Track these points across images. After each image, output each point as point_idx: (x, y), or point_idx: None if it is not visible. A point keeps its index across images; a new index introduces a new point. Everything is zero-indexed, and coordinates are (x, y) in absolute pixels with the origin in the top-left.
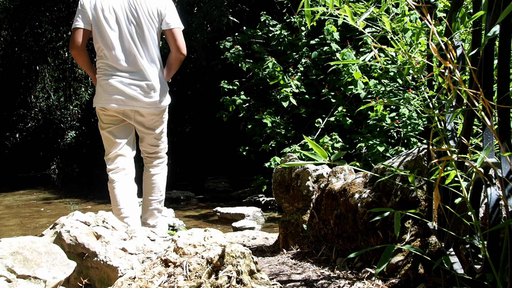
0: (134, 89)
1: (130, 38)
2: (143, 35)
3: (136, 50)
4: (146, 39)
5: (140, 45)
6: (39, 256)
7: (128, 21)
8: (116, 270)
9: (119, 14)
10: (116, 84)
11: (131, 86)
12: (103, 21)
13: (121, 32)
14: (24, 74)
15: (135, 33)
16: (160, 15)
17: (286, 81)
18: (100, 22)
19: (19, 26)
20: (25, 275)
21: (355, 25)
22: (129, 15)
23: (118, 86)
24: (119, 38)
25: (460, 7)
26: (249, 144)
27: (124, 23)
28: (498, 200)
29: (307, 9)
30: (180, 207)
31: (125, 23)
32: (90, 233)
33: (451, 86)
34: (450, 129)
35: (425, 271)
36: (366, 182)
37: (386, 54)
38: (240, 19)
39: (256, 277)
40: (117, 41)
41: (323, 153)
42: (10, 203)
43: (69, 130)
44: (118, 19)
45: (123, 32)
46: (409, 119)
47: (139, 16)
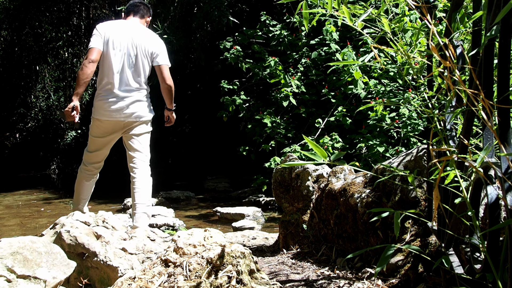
0: (125, 105)
1: (127, 67)
2: (137, 67)
3: (129, 76)
4: (138, 70)
5: (132, 73)
6: (39, 256)
7: (128, 54)
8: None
9: (124, 47)
10: (113, 100)
11: (123, 103)
12: (111, 49)
13: (122, 62)
14: (24, 74)
15: (131, 64)
16: (152, 54)
17: (286, 81)
18: (108, 49)
19: (19, 26)
20: (25, 275)
21: (353, 26)
22: (130, 51)
23: (113, 102)
24: (120, 66)
25: (460, 8)
26: (249, 144)
27: (126, 56)
28: (498, 199)
29: (305, 11)
30: (180, 207)
31: (127, 56)
32: (90, 233)
33: (451, 86)
34: (450, 129)
35: (425, 271)
36: (366, 182)
37: (386, 54)
38: (240, 19)
39: (256, 277)
40: (118, 68)
41: (323, 153)
42: (10, 203)
43: (69, 130)
44: (123, 51)
45: (124, 62)
46: (409, 119)
47: (137, 53)
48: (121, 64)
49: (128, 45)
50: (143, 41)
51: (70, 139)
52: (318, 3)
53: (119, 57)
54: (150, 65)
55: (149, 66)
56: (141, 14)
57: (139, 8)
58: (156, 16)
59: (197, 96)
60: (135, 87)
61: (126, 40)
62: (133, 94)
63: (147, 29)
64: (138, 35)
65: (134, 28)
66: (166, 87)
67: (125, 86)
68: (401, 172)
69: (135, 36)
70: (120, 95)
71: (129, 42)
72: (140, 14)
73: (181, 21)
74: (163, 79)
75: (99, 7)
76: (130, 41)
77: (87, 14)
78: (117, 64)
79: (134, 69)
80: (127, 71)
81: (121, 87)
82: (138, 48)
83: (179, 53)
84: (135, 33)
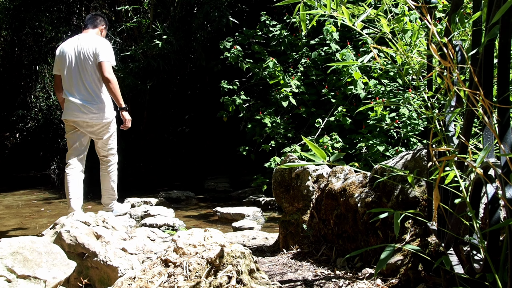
0: (81, 107)
1: (76, 71)
2: (85, 69)
3: (80, 79)
4: (86, 71)
5: (82, 75)
6: (39, 256)
7: (75, 60)
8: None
9: (71, 55)
10: (71, 103)
11: (79, 105)
12: (63, 62)
13: (71, 68)
14: (24, 74)
15: (79, 67)
16: (95, 54)
17: (286, 81)
18: (62, 63)
19: (19, 26)
20: (25, 275)
21: (352, 26)
22: (76, 57)
23: (72, 104)
24: (71, 72)
25: (459, 9)
26: (249, 144)
27: (74, 63)
28: (498, 198)
29: (302, 12)
30: (180, 207)
31: (74, 61)
32: (90, 233)
33: (451, 86)
34: (450, 129)
35: (425, 271)
36: (366, 182)
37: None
38: (240, 19)
39: (256, 277)
40: (70, 74)
41: (322, 154)
42: (10, 203)
43: None
44: (70, 59)
45: (72, 67)
46: (409, 119)
47: (81, 57)
48: (71, 70)
49: (74, 51)
50: (85, 45)
51: None
52: (316, 5)
53: (68, 65)
54: (95, 62)
55: (95, 64)
56: (94, 25)
57: (91, 20)
58: (156, 17)
59: (197, 96)
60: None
61: (72, 47)
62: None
63: (94, 36)
64: (81, 42)
65: (78, 39)
66: (105, 79)
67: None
68: (401, 172)
69: (79, 44)
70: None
71: (75, 48)
72: (92, 25)
73: (181, 21)
74: (102, 73)
75: (99, 7)
76: (75, 48)
77: (87, 14)
78: (68, 72)
79: (82, 71)
80: (76, 75)
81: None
82: (81, 51)
83: (179, 53)
84: (80, 41)
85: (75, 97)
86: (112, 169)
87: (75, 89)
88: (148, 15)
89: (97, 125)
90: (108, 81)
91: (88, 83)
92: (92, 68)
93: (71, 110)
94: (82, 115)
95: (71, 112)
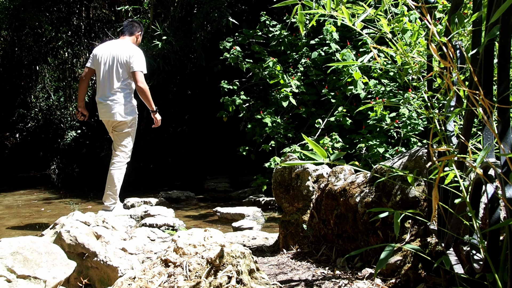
0: (106, 106)
1: (108, 75)
2: (116, 73)
3: (109, 82)
4: (118, 75)
5: (111, 79)
6: (39, 256)
7: (109, 64)
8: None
9: (106, 59)
10: (100, 104)
11: (104, 104)
12: (98, 63)
13: (104, 71)
14: (24, 74)
15: (110, 72)
16: (128, 62)
17: (286, 81)
18: (97, 64)
19: (19, 26)
20: (25, 275)
21: (352, 26)
22: (110, 61)
23: (100, 105)
24: (104, 75)
25: (459, 9)
26: (249, 144)
27: (107, 68)
28: (498, 198)
29: (300, 12)
30: (180, 207)
31: (108, 66)
32: (90, 233)
33: (451, 86)
34: (450, 129)
35: (425, 271)
36: (366, 182)
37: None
38: (240, 19)
39: (256, 277)
40: (102, 76)
41: (323, 153)
42: (10, 203)
43: (69, 130)
44: (105, 63)
45: (106, 71)
46: (409, 119)
47: (114, 62)
48: (103, 74)
49: (108, 57)
50: (120, 53)
51: (70, 139)
52: (314, 5)
53: (102, 69)
54: (127, 70)
55: (127, 72)
56: (130, 32)
57: (129, 27)
58: (156, 17)
59: (197, 96)
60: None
61: (107, 53)
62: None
63: (129, 44)
64: (117, 49)
65: (116, 44)
66: (138, 87)
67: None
68: (400, 172)
69: (115, 50)
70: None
71: (110, 54)
72: (129, 32)
73: (181, 22)
74: (135, 82)
75: (99, 7)
76: (110, 54)
77: (87, 14)
78: (99, 75)
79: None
80: (106, 79)
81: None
82: (115, 58)
83: (179, 53)
84: (116, 48)
85: (104, 98)
86: (118, 166)
87: (105, 91)
88: (148, 15)
89: (117, 123)
90: (141, 89)
91: (116, 86)
92: (123, 74)
93: (100, 111)
94: (108, 114)
95: (100, 112)
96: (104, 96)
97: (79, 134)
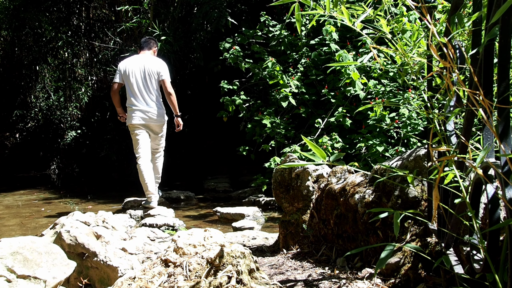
0: (146, 112)
1: (143, 85)
2: (150, 83)
3: (146, 91)
4: (152, 84)
5: (146, 88)
6: (39, 256)
7: (141, 76)
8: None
9: (137, 72)
10: (137, 110)
11: (144, 111)
12: (128, 76)
13: (138, 82)
14: (24, 74)
15: (144, 82)
16: (157, 73)
17: (285, 81)
18: (126, 77)
19: (19, 26)
20: (25, 275)
21: (352, 26)
22: (142, 74)
23: (138, 111)
24: (138, 85)
25: (459, 9)
26: (249, 144)
27: (140, 79)
28: (498, 198)
29: (297, 13)
30: (180, 207)
31: (140, 79)
32: (90, 233)
33: (450, 86)
34: (450, 129)
35: (425, 271)
36: (366, 182)
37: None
38: (240, 19)
39: (256, 277)
40: (137, 87)
41: (322, 154)
42: (10, 203)
43: (69, 130)
44: (137, 75)
45: (140, 81)
46: (409, 119)
47: (145, 74)
48: (138, 86)
49: (140, 71)
50: (149, 65)
51: (70, 139)
52: (312, 4)
53: (134, 81)
54: (158, 80)
55: (157, 82)
56: (149, 47)
57: (147, 43)
58: (156, 17)
59: (197, 96)
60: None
61: (138, 67)
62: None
63: (153, 57)
64: (145, 62)
65: (142, 58)
66: (167, 94)
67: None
68: (400, 172)
69: (143, 63)
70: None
71: (141, 68)
72: (148, 47)
73: (181, 22)
74: (165, 89)
75: (99, 7)
76: (142, 68)
77: (87, 14)
78: (133, 88)
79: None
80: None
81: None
82: (146, 71)
83: (178, 54)
84: (143, 61)
85: (142, 105)
86: (160, 160)
87: (142, 99)
88: (148, 15)
89: (156, 125)
90: (170, 94)
91: (152, 94)
92: (155, 83)
93: (137, 115)
94: (147, 118)
95: (137, 117)
96: (143, 103)
97: (79, 134)
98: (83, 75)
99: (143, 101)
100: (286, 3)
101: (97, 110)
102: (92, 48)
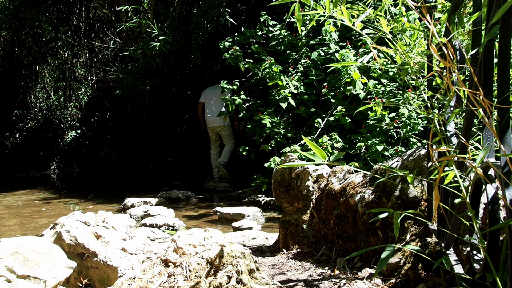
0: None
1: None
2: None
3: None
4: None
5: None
6: (39, 256)
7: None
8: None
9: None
10: (209, 117)
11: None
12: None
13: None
14: (24, 74)
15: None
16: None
17: (284, 82)
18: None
19: (19, 26)
20: (25, 275)
21: (352, 26)
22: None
23: (209, 118)
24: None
25: (459, 9)
26: (249, 144)
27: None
28: (498, 198)
29: (298, 13)
30: (180, 207)
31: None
32: (90, 233)
33: (450, 86)
34: (450, 129)
35: (425, 271)
36: (366, 182)
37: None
38: (240, 19)
39: (256, 277)
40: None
41: (322, 154)
42: (10, 203)
43: (69, 130)
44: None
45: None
46: (408, 119)
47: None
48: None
49: (213, 94)
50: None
51: (70, 139)
52: (312, 4)
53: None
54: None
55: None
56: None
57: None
58: (156, 17)
59: (197, 96)
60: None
61: (212, 93)
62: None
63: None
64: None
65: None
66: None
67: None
68: (400, 172)
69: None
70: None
71: (214, 94)
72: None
73: (181, 22)
74: None
75: (99, 7)
76: (215, 94)
77: (87, 14)
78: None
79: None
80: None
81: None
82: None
83: (178, 53)
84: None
85: (211, 115)
86: (228, 147)
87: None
88: (148, 15)
89: (219, 128)
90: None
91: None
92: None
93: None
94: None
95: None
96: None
97: (79, 134)
98: (83, 75)
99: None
100: (286, 3)
101: (97, 110)
102: (92, 48)
